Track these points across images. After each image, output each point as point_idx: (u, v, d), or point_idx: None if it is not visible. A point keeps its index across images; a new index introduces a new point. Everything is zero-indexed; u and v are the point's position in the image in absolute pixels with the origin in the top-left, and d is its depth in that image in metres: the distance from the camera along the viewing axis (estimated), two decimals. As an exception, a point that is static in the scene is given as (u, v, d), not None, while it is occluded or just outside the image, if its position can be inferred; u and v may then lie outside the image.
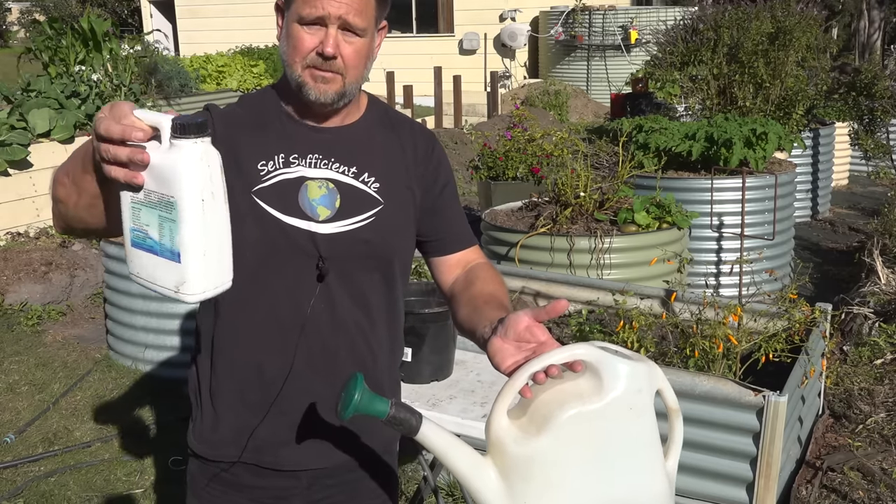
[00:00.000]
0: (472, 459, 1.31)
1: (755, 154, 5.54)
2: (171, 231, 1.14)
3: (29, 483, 3.49)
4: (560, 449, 1.26)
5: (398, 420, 1.31)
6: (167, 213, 1.14)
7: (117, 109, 1.17)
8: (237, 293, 1.50)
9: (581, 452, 1.27)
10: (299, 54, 1.48)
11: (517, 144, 6.65)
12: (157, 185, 1.14)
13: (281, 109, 1.58)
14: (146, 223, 1.17)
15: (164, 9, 17.41)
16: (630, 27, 13.37)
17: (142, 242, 1.19)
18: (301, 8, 1.46)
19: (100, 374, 4.56)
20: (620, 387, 1.27)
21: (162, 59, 9.63)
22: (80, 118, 7.13)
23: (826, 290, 5.39)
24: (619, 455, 1.28)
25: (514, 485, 1.28)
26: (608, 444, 1.27)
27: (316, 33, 1.47)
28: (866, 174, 9.41)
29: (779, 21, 6.92)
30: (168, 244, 1.15)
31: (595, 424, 1.26)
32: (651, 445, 1.31)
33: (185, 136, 1.12)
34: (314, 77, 1.48)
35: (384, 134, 1.64)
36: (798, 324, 3.24)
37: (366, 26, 1.48)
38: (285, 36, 1.51)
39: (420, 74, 12.65)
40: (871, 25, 15.03)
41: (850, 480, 3.11)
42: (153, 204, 1.15)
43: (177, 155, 1.12)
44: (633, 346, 3.23)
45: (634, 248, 4.41)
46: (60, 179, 1.33)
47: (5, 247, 6.23)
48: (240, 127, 1.56)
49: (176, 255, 1.15)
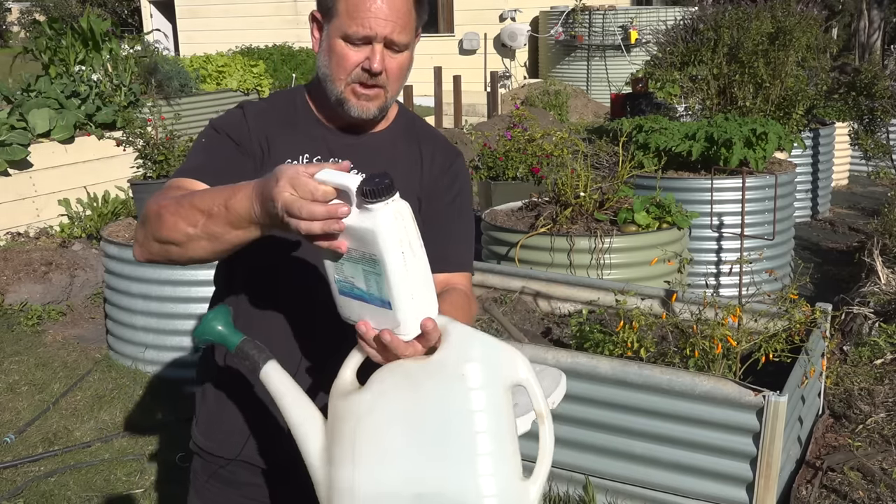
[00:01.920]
0: (306, 412, 1.30)
1: (755, 154, 5.54)
2: (378, 283, 1.19)
3: (29, 483, 3.49)
4: (376, 407, 1.20)
5: (245, 355, 1.36)
6: (371, 268, 1.18)
7: (300, 183, 1.17)
8: (253, 290, 1.57)
9: (395, 415, 1.19)
10: (344, 71, 1.50)
11: (517, 144, 6.65)
12: (357, 243, 1.18)
13: (310, 112, 1.61)
14: (350, 275, 1.22)
15: (164, 9, 17.40)
16: (630, 27, 13.36)
17: (350, 291, 1.24)
18: (348, 25, 1.46)
19: (100, 374, 4.56)
20: (452, 349, 1.20)
21: (162, 59, 9.61)
22: (79, 118, 7.13)
23: (826, 290, 5.39)
24: (439, 434, 1.16)
25: (332, 440, 1.24)
26: (432, 412, 1.17)
27: (361, 50, 1.48)
28: (866, 174, 9.41)
29: (779, 21, 6.91)
30: (377, 294, 1.20)
31: (418, 384, 1.19)
32: (487, 439, 1.16)
33: (377, 200, 1.14)
34: (357, 94, 1.51)
35: (407, 144, 1.65)
36: (798, 324, 3.24)
37: (409, 41, 1.51)
38: (327, 50, 1.51)
39: (420, 74, 12.61)
40: (871, 25, 15.03)
41: (850, 480, 3.11)
42: (355, 259, 1.19)
43: (371, 218, 1.15)
44: (633, 346, 3.23)
45: (634, 248, 4.41)
46: (177, 227, 1.33)
47: (5, 247, 6.23)
48: (271, 122, 1.58)
49: (387, 304, 1.20)
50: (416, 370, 1.19)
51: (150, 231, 1.38)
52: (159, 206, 1.38)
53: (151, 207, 1.41)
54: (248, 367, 1.36)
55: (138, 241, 1.43)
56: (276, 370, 1.34)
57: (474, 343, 1.20)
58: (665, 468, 2.92)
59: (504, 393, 1.18)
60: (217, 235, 1.30)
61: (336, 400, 1.26)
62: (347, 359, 1.30)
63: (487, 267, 4.34)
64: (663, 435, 2.89)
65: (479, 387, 1.17)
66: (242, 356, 1.35)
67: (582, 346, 3.42)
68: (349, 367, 1.29)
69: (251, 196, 1.25)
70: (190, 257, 1.37)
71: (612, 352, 3.26)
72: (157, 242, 1.38)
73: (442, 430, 1.16)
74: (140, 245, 1.43)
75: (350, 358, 1.29)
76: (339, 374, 1.29)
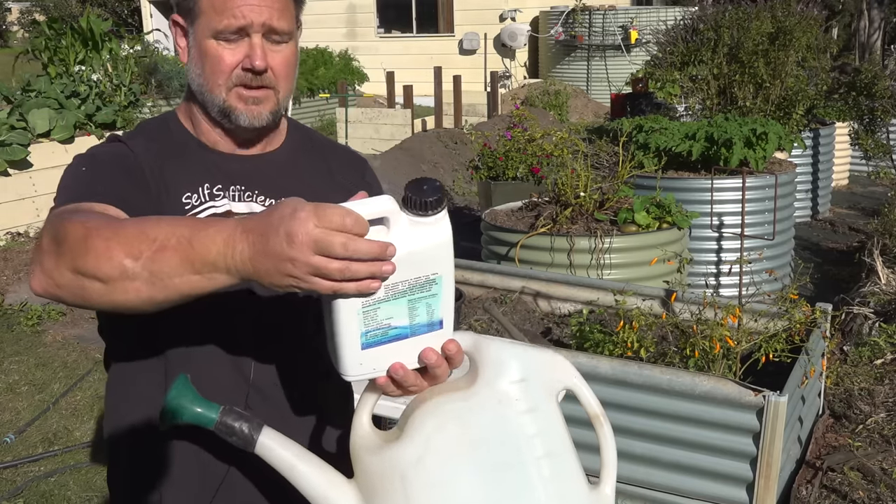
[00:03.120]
0: (325, 477, 1.11)
1: (755, 154, 5.54)
2: (431, 305, 1.04)
3: (29, 483, 3.48)
4: (424, 458, 1.03)
5: (230, 430, 1.12)
6: (424, 293, 1.03)
7: (328, 215, 0.92)
8: (167, 358, 1.29)
9: (449, 460, 1.04)
10: (222, 74, 1.27)
11: (517, 144, 6.66)
12: (410, 271, 1.00)
13: (190, 137, 1.37)
14: (388, 317, 1.02)
15: (164, 9, 17.39)
16: (630, 27, 13.37)
17: (381, 338, 1.04)
18: (215, 20, 1.25)
19: (100, 374, 4.55)
20: (493, 371, 1.06)
21: (162, 59, 9.62)
22: (79, 118, 7.13)
23: (826, 290, 5.38)
24: (507, 467, 1.04)
25: (372, 502, 1.07)
26: (487, 449, 1.04)
27: (237, 47, 1.26)
28: (866, 174, 9.41)
29: (779, 21, 6.92)
30: (425, 320, 1.05)
31: (466, 422, 1.05)
32: (552, 462, 1.06)
33: (437, 210, 0.99)
34: (243, 99, 1.29)
35: (310, 159, 1.45)
36: (798, 324, 3.24)
37: (291, 29, 1.29)
38: (197, 56, 1.29)
39: (420, 74, 12.64)
40: (871, 25, 15.03)
41: (850, 480, 3.11)
42: (400, 293, 1.01)
43: (432, 232, 1.00)
44: (633, 345, 3.23)
45: (634, 248, 4.41)
46: (111, 257, 1.01)
47: (5, 247, 6.24)
48: (154, 153, 1.32)
49: (437, 324, 1.05)
50: (459, 406, 1.06)
51: (65, 257, 1.04)
52: (85, 227, 1.04)
53: (69, 227, 1.06)
54: (236, 443, 1.12)
55: (42, 268, 1.07)
56: (274, 438, 1.13)
57: (510, 359, 1.08)
58: (665, 468, 2.92)
59: (555, 405, 1.09)
60: (163, 276, 1.00)
61: (364, 455, 1.08)
62: (360, 405, 1.11)
63: (487, 267, 4.34)
64: (663, 435, 2.88)
65: (529, 408, 1.06)
66: (227, 432, 1.12)
67: (582, 346, 3.42)
68: (364, 413, 1.11)
69: (231, 233, 0.97)
70: (110, 301, 1.04)
71: (612, 352, 3.26)
72: (72, 273, 1.04)
73: (502, 463, 1.05)
74: (44, 272, 1.06)
75: (363, 403, 1.11)
76: (355, 423, 1.11)
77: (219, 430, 1.12)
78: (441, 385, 1.08)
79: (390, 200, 0.97)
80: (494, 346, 1.08)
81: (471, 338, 1.09)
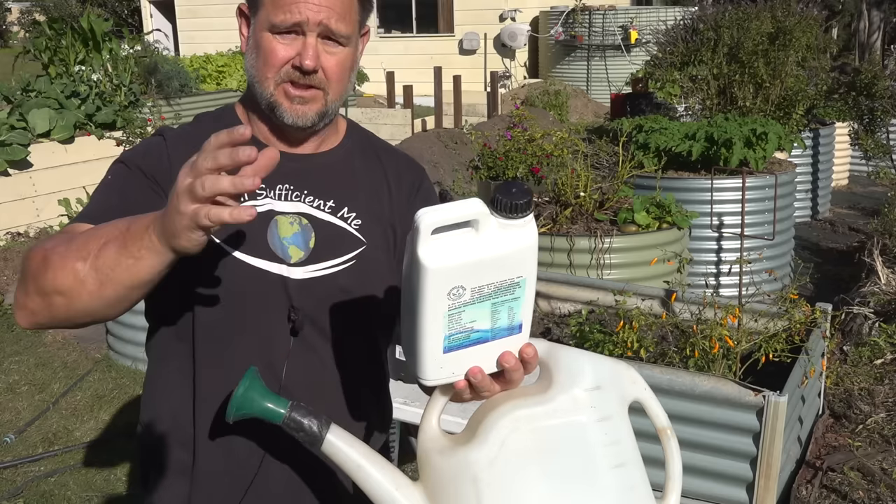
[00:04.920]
0: (392, 478, 1.10)
1: (755, 154, 5.54)
2: (513, 309, 1.03)
3: (29, 483, 3.48)
4: (496, 461, 1.03)
5: (298, 425, 1.12)
6: (508, 296, 1.02)
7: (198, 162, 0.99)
8: (199, 356, 1.28)
9: (523, 465, 1.03)
10: (272, 68, 1.26)
11: (517, 144, 6.65)
12: (496, 274, 0.99)
13: None
14: (471, 320, 1.01)
15: (164, 9, 17.40)
16: (630, 27, 13.37)
17: (463, 342, 1.03)
18: (273, 14, 1.24)
19: (100, 374, 4.56)
20: (568, 378, 1.06)
21: (162, 59, 9.63)
22: (79, 118, 7.13)
23: (826, 290, 5.39)
24: (577, 476, 1.04)
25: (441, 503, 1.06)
26: (560, 455, 1.04)
27: (292, 43, 1.25)
28: (866, 174, 9.40)
29: (779, 21, 6.92)
30: (506, 323, 1.04)
31: (540, 427, 1.04)
32: (625, 472, 1.07)
33: (526, 213, 0.98)
34: (289, 97, 1.27)
35: (366, 163, 1.41)
36: (798, 324, 3.24)
37: (350, 33, 1.27)
38: (253, 47, 1.28)
39: (420, 74, 12.63)
40: (871, 26, 15.02)
41: (850, 480, 3.11)
42: (485, 297, 1.00)
43: (520, 235, 0.98)
44: (633, 345, 3.23)
45: (634, 248, 4.41)
46: (65, 265, 1.07)
47: (5, 247, 6.24)
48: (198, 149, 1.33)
49: (517, 328, 1.05)
50: (535, 411, 1.05)
51: (30, 283, 1.10)
52: (44, 250, 1.10)
53: (31, 257, 1.12)
54: (303, 438, 1.12)
55: (18, 303, 1.13)
56: (341, 436, 1.12)
57: (585, 367, 1.07)
58: (665, 468, 2.91)
59: (626, 415, 1.09)
60: (106, 269, 1.05)
61: (434, 456, 1.07)
62: (429, 405, 1.10)
63: (487, 267, 4.33)
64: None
65: (602, 417, 1.05)
66: (295, 428, 1.11)
67: (582, 346, 3.42)
68: (434, 415, 1.09)
69: (157, 215, 1.04)
70: (75, 311, 1.09)
71: (612, 352, 3.26)
72: (38, 296, 1.09)
73: (574, 471, 1.04)
74: (19, 306, 1.13)
75: (433, 404, 1.10)
76: (424, 425, 1.09)
77: (286, 426, 1.12)
78: (514, 390, 1.07)
79: (480, 203, 0.97)
80: (569, 353, 1.08)
81: (545, 344, 1.09)
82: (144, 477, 1.40)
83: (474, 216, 0.96)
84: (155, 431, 1.35)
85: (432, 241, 0.96)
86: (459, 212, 0.96)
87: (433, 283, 0.97)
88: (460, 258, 0.97)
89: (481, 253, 0.97)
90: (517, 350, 1.05)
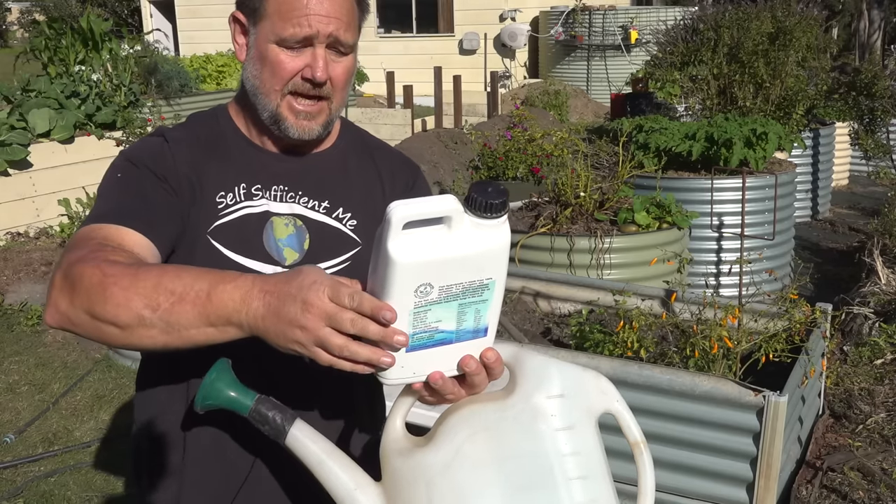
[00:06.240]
0: (353, 476, 1.09)
1: (755, 154, 5.54)
2: (479, 311, 1.00)
3: (29, 483, 3.48)
4: (451, 467, 1.01)
5: (263, 418, 1.13)
6: (476, 297, 0.99)
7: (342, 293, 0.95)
8: (190, 356, 1.23)
9: (477, 471, 1.01)
10: (280, 81, 1.25)
11: (517, 144, 6.65)
12: (466, 274, 0.97)
13: (239, 134, 1.35)
14: (437, 319, 0.99)
15: (164, 9, 17.40)
16: (630, 27, 13.37)
17: (426, 342, 1.00)
18: (280, 27, 1.22)
19: (100, 374, 4.56)
20: (532, 384, 1.03)
21: (162, 59, 9.63)
22: (79, 118, 7.13)
23: (826, 290, 5.39)
24: (529, 486, 1.01)
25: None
26: (518, 463, 1.01)
27: (299, 55, 1.24)
28: (866, 174, 9.41)
29: (779, 21, 6.92)
30: (471, 326, 1.01)
31: (498, 433, 1.02)
32: (584, 485, 1.03)
33: (500, 213, 0.96)
34: (295, 112, 1.27)
35: (360, 162, 1.41)
36: (798, 324, 3.24)
37: (355, 41, 1.28)
38: (256, 58, 1.26)
39: (420, 74, 12.64)
40: (871, 26, 15.03)
41: (850, 480, 3.11)
42: (452, 296, 0.98)
43: (492, 235, 0.96)
44: (633, 345, 3.23)
45: (634, 248, 4.41)
46: (129, 305, 1.03)
47: (5, 247, 6.24)
48: (196, 150, 1.31)
49: (482, 331, 1.02)
50: (493, 417, 1.02)
51: (82, 301, 1.06)
52: (103, 274, 1.05)
53: (85, 270, 1.07)
54: (268, 432, 1.13)
55: (56, 307, 1.09)
56: (305, 431, 1.12)
57: (552, 374, 1.04)
58: (665, 468, 2.92)
59: (593, 427, 1.06)
60: (179, 328, 1.03)
61: (393, 459, 1.06)
62: (394, 408, 1.09)
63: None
64: (663, 435, 2.88)
65: (565, 426, 1.03)
66: (261, 420, 1.12)
67: (582, 346, 3.42)
68: (398, 415, 1.08)
69: (249, 290, 1.00)
70: (126, 344, 1.07)
71: (612, 352, 3.26)
72: (88, 316, 1.06)
73: (531, 481, 1.01)
74: (58, 311, 1.08)
75: (398, 406, 1.09)
76: (388, 426, 1.08)
77: (252, 418, 1.13)
78: (478, 395, 1.06)
79: (454, 200, 0.95)
80: (536, 359, 1.06)
81: (512, 349, 1.07)
82: (138, 477, 1.40)
83: (448, 213, 0.94)
84: (147, 432, 1.35)
85: (403, 235, 0.93)
86: (432, 207, 0.94)
87: (401, 278, 0.95)
88: (430, 254, 0.94)
89: (452, 251, 0.95)
90: (479, 354, 1.03)
